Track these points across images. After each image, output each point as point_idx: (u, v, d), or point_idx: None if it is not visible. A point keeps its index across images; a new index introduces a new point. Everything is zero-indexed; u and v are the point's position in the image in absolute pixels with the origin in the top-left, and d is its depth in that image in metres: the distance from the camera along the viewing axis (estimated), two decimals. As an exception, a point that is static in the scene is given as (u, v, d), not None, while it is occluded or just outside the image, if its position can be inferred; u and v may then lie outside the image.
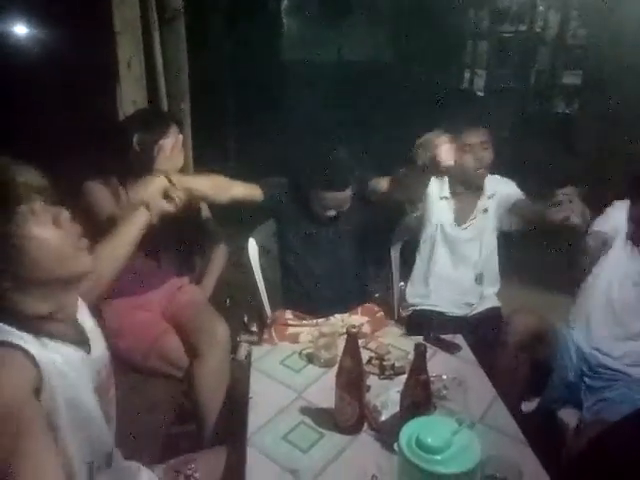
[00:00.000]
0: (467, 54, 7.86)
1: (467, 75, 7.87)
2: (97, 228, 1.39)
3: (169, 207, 1.58)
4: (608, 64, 4.33)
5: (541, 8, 6.20)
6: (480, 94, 7.37)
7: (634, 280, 1.88)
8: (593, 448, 1.07)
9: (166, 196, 1.58)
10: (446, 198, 2.28)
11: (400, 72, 7.86)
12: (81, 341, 1.10)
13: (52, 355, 0.98)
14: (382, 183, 2.05)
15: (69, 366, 1.01)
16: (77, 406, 1.01)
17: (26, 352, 0.92)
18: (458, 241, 2.26)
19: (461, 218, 2.27)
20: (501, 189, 2.23)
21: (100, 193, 1.94)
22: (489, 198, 2.24)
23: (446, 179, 2.28)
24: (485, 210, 2.24)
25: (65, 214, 1.01)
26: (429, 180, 2.03)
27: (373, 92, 6.52)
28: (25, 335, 0.95)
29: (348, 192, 2.03)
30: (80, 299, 1.18)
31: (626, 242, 1.91)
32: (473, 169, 2.19)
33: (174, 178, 1.64)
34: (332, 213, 2.07)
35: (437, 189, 2.28)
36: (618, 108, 4.15)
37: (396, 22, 8.55)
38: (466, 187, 2.26)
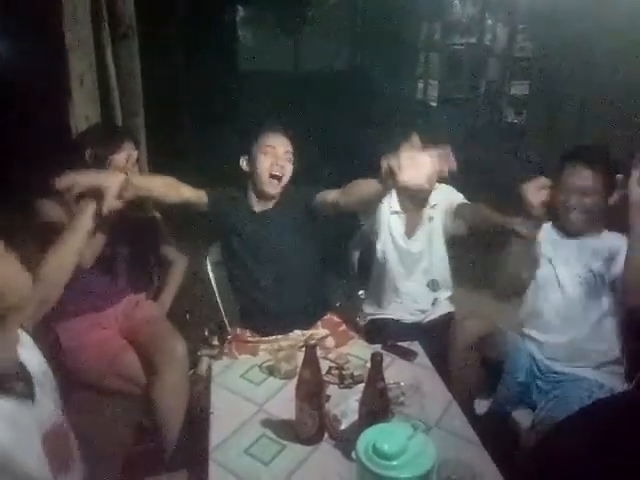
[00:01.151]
0: (420, 65, 8.05)
1: (420, 85, 8.05)
2: (50, 245, 1.38)
3: (117, 204, 1.58)
4: (553, 75, 4.52)
5: (489, 22, 6.42)
6: (433, 104, 7.55)
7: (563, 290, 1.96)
8: (543, 446, 1.12)
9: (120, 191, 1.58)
10: (397, 212, 2.33)
11: (355, 82, 7.98)
12: (24, 390, 1.00)
13: None
14: (330, 195, 2.03)
15: (5, 423, 0.92)
16: (11, 464, 0.92)
17: None
18: (409, 252, 2.31)
19: (410, 230, 2.33)
20: (444, 197, 2.29)
21: (52, 211, 1.91)
22: (432, 207, 2.30)
23: (394, 194, 2.31)
24: (430, 218, 2.30)
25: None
26: (388, 194, 2.02)
27: (328, 101, 6.60)
28: None
29: (285, 140, 2.06)
30: (22, 332, 1.06)
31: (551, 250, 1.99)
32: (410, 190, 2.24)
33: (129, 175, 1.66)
34: (280, 162, 2.06)
35: (387, 203, 2.32)
36: (563, 116, 4.33)
37: (351, 33, 8.69)
38: (411, 200, 2.30)
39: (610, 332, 1.92)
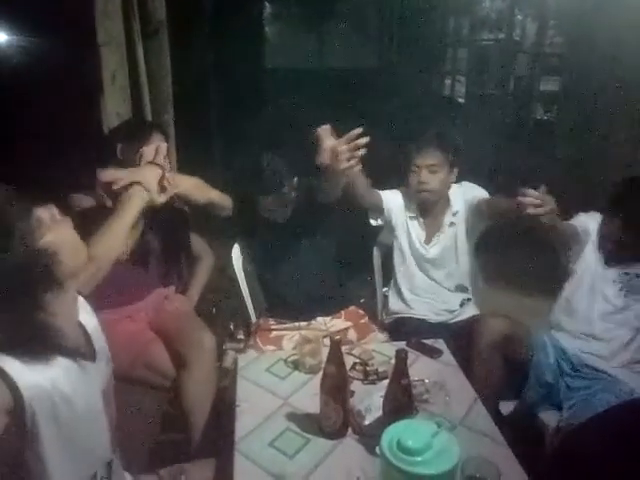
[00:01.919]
0: (448, 61, 7.96)
1: (448, 82, 7.96)
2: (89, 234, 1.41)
3: (160, 197, 1.57)
4: (584, 71, 4.43)
5: (519, 17, 6.31)
6: (461, 100, 7.47)
7: (603, 294, 1.96)
8: (565, 447, 1.11)
9: (159, 185, 1.58)
10: (415, 218, 2.33)
11: (382, 78, 7.94)
12: (86, 350, 1.12)
13: (47, 375, 0.98)
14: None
15: (70, 383, 1.01)
16: (76, 422, 1.02)
17: (4, 375, 0.92)
18: (427, 257, 2.31)
19: (429, 235, 2.32)
20: (466, 199, 2.27)
21: (88, 204, 1.96)
22: (454, 215, 2.29)
23: (413, 199, 2.31)
24: (452, 224, 2.29)
25: (54, 209, 1.04)
26: (337, 179, 1.87)
27: (356, 98, 6.58)
28: (9, 359, 0.93)
29: (282, 196, 2.04)
30: (80, 298, 1.18)
31: (597, 250, 1.99)
32: (414, 190, 2.24)
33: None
34: (277, 217, 2.09)
35: (405, 208, 2.32)
36: (595, 114, 4.25)
37: (378, 29, 8.64)
38: (430, 205, 2.29)
39: None
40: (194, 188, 1.98)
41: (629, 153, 3.78)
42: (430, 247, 2.31)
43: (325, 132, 1.76)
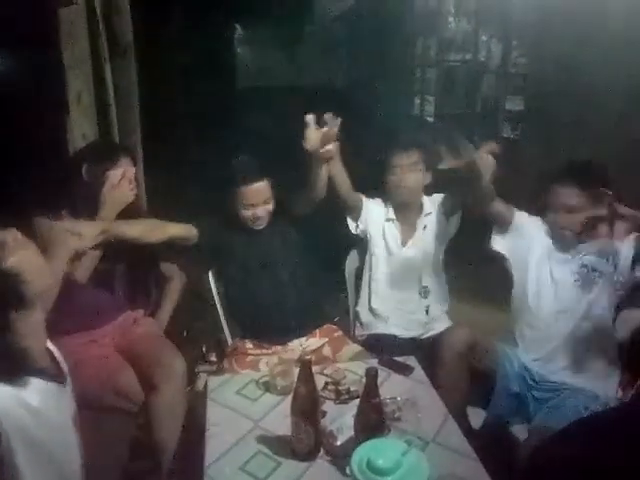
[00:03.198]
0: (417, 81, 8.10)
1: (417, 101, 8.09)
2: None
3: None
4: (547, 90, 4.55)
5: (484, 38, 6.48)
6: (430, 119, 7.59)
7: (557, 278, 2.00)
8: (536, 458, 1.12)
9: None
10: (392, 220, 2.36)
11: (352, 97, 8.03)
12: (55, 372, 1.12)
13: (14, 392, 0.99)
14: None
15: (45, 403, 1.03)
16: (48, 443, 1.03)
17: None
18: (402, 260, 2.34)
19: (405, 238, 2.36)
20: (436, 201, 2.37)
21: (47, 230, 1.91)
22: (426, 216, 2.35)
23: (388, 201, 2.38)
24: (425, 227, 2.35)
25: (17, 233, 1.06)
26: (319, 170, 2.07)
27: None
28: None
29: (264, 185, 2.10)
30: None
31: (545, 254, 2.04)
32: (392, 189, 2.30)
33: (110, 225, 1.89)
34: (261, 213, 2.12)
35: (382, 211, 2.37)
36: (558, 133, 4.36)
37: (348, 49, 8.77)
38: (406, 208, 2.36)
39: (608, 340, 1.94)
40: (145, 232, 2.02)
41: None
42: (407, 248, 2.34)
43: (310, 120, 1.97)
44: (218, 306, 2.30)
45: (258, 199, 2.11)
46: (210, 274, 2.32)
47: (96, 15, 2.34)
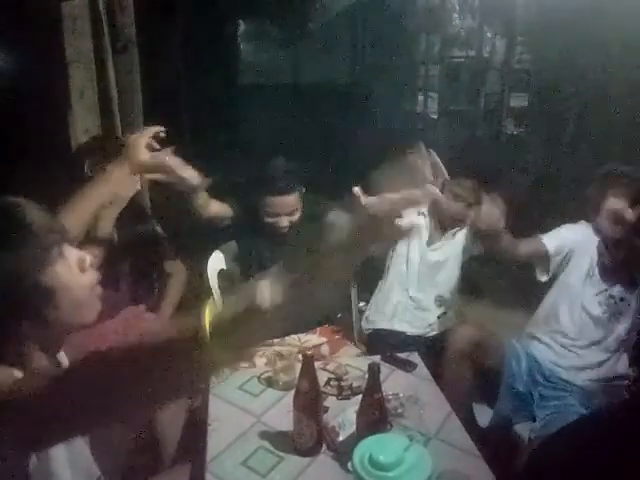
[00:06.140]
0: (420, 78, 8.08)
1: (421, 98, 8.08)
2: None
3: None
4: (551, 86, 4.53)
5: (488, 34, 6.45)
6: (433, 116, 7.58)
7: (587, 311, 1.97)
8: (537, 461, 1.11)
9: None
10: (423, 215, 2.32)
11: (356, 94, 8.03)
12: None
13: None
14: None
15: None
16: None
17: None
18: (425, 262, 2.31)
19: (432, 239, 2.33)
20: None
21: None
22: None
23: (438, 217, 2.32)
24: (453, 234, 2.31)
25: (89, 259, 0.97)
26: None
27: (329, 114, 6.63)
28: None
29: (293, 198, 2.07)
30: None
31: (585, 264, 2.00)
32: (449, 218, 2.24)
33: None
34: (284, 223, 2.10)
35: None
36: (563, 129, 4.34)
37: (351, 46, 8.76)
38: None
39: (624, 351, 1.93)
40: (205, 201, 2.05)
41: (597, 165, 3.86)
42: (431, 250, 2.31)
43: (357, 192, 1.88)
44: (217, 297, 2.29)
45: (286, 211, 2.09)
46: (209, 268, 2.30)
47: (99, 10, 2.34)
